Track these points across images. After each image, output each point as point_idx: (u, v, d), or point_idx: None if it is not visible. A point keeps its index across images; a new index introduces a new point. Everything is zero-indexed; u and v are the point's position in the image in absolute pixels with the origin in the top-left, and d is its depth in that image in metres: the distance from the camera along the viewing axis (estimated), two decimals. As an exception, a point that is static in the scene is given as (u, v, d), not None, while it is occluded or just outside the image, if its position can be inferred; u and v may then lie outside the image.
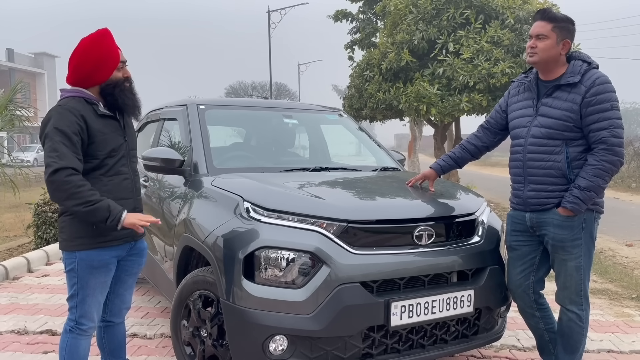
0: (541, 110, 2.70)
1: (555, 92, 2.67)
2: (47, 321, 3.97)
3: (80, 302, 2.42)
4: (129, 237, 2.50)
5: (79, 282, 2.40)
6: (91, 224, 2.34)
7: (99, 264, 2.41)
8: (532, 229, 2.79)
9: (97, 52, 2.36)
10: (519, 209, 2.84)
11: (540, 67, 2.73)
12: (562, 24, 2.64)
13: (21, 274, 5.42)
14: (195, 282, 2.81)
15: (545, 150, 2.67)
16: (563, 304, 2.78)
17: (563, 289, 2.75)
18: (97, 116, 2.39)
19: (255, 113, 4.13)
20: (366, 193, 3.04)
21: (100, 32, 2.40)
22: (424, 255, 2.63)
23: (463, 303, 2.67)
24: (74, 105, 2.33)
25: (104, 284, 2.47)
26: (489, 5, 8.33)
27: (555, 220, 2.67)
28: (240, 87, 48.54)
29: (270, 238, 2.49)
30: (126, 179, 2.50)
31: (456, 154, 3.16)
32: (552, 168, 2.65)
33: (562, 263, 2.71)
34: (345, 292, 2.42)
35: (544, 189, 2.69)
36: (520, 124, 2.80)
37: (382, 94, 8.87)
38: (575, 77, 2.61)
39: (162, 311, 4.22)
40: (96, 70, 2.37)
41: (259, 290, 2.46)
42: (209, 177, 3.15)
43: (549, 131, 2.65)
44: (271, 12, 27.42)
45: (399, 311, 2.49)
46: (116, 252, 2.47)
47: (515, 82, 2.95)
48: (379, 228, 2.61)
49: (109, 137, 2.41)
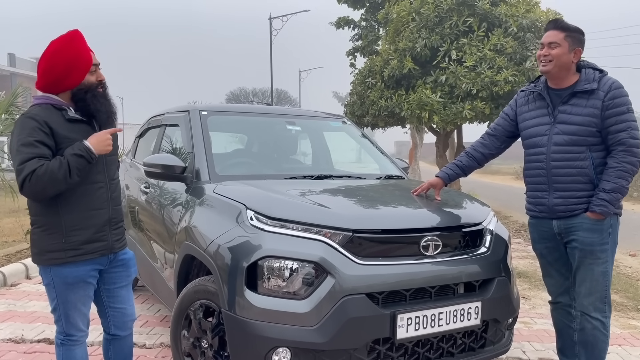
0: (560, 117, 2.73)
1: (572, 100, 2.71)
2: (44, 329, 3.91)
3: (64, 316, 2.34)
4: (105, 250, 2.37)
5: (58, 297, 2.32)
6: (60, 238, 2.24)
7: (74, 280, 2.30)
8: (560, 235, 2.80)
9: (67, 55, 2.22)
10: (542, 217, 2.85)
11: (552, 76, 2.75)
12: (574, 33, 2.71)
13: (19, 281, 5.36)
14: (197, 292, 2.75)
15: (570, 157, 2.69)
16: (587, 311, 2.74)
17: (588, 295, 2.73)
18: (66, 121, 2.25)
19: (258, 119, 4.08)
20: (372, 202, 2.99)
21: (70, 34, 2.28)
22: (430, 266, 2.58)
23: (470, 315, 2.61)
24: (37, 113, 2.21)
25: (85, 297, 2.37)
26: (492, 14, 8.32)
27: (585, 224, 2.69)
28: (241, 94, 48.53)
29: (274, 247, 2.44)
30: (101, 188, 2.35)
31: (463, 162, 3.12)
32: (579, 174, 2.68)
33: (589, 268, 2.71)
34: (351, 304, 2.36)
35: (572, 196, 2.71)
36: (537, 132, 2.81)
37: (384, 101, 8.84)
38: (591, 84, 2.67)
39: (161, 320, 4.16)
40: (67, 74, 2.23)
41: (261, 301, 2.40)
42: (211, 184, 3.10)
43: (572, 137, 2.68)
44: (273, 19, 27.45)
45: (405, 323, 2.44)
46: (92, 265, 2.35)
47: (523, 92, 2.95)
48: (385, 238, 2.56)
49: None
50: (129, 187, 4.40)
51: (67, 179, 2.15)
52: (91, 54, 2.31)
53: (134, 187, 4.24)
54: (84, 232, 2.30)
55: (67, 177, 2.14)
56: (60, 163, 2.14)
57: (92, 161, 2.22)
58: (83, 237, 2.29)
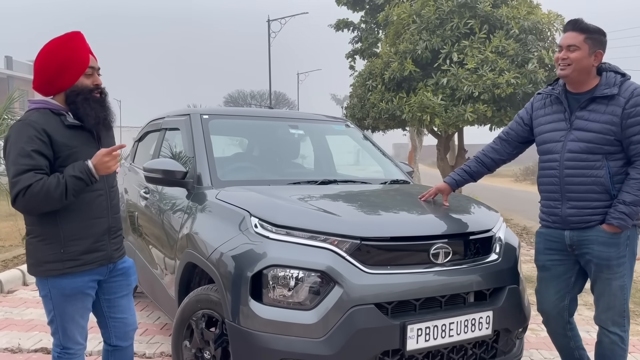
0: (577, 123, 2.58)
1: (591, 105, 2.56)
2: (42, 338, 3.82)
3: (61, 329, 2.25)
4: (104, 260, 2.29)
5: (55, 310, 2.23)
6: (59, 248, 2.16)
7: (72, 292, 2.21)
8: (571, 247, 2.64)
9: (61, 55, 2.14)
10: (555, 227, 2.69)
11: (571, 80, 2.60)
12: (595, 35, 2.54)
13: (16, 287, 5.26)
14: (199, 301, 2.67)
15: (585, 166, 2.54)
16: (605, 326, 2.63)
17: (606, 310, 2.61)
18: (65, 127, 2.16)
19: (261, 123, 4.00)
20: (379, 208, 2.91)
21: (69, 35, 2.19)
22: (441, 275, 2.50)
23: (481, 325, 2.54)
24: (35, 119, 2.11)
25: (84, 309, 2.29)
26: (493, 16, 8.24)
27: (600, 237, 2.54)
28: (239, 96, 48.45)
29: (280, 256, 2.36)
30: (100, 196, 2.26)
31: (471, 167, 3.02)
32: (594, 184, 2.53)
33: (606, 283, 2.58)
34: (359, 314, 2.28)
35: (586, 206, 2.56)
36: (552, 138, 2.66)
37: (385, 104, 8.75)
38: (612, 89, 2.51)
39: (161, 328, 4.07)
40: (59, 74, 2.14)
41: (267, 311, 2.33)
42: (213, 190, 3.02)
43: (588, 145, 2.53)
44: (271, 22, 27.40)
45: (415, 334, 2.36)
46: (91, 276, 2.26)
47: (540, 95, 2.81)
48: (394, 246, 2.48)
49: (79, 150, 2.16)
50: (127, 191, 4.32)
51: (63, 199, 2.06)
52: (89, 57, 2.22)
53: (133, 192, 4.16)
54: (83, 241, 2.21)
55: (63, 198, 2.06)
56: (58, 182, 2.05)
57: (92, 184, 2.12)
58: (82, 247, 2.21)
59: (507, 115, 8.00)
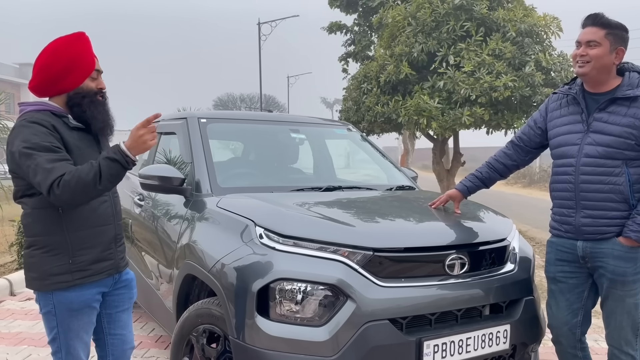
0: (594, 126, 2.40)
1: (611, 107, 2.38)
2: (30, 353, 3.64)
3: (65, 347, 2.08)
4: (112, 270, 2.16)
5: (59, 326, 2.06)
6: (67, 258, 2.00)
7: (80, 305, 2.06)
8: (584, 259, 2.45)
9: (69, 53, 2.02)
10: (567, 237, 2.50)
11: (589, 79, 2.42)
12: (617, 30, 2.36)
13: (3, 298, 5.04)
14: (199, 315, 2.53)
15: (603, 172, 2.36)
16: (618, 346, 2.45)
17: (619, 329, 2.43)
18: (70, 129, 2.04)
19: (261, 127, 3.85)
20: (390, 216, 2.77)
21: (76, 34, 2.07)
22: (457, 287, 2.38)
23: (499, 339, 2.42)
24: (41, 117, 1.97)
25: (89, 323, 2.14)
26: (489, 18, 8.17)
27: (616, 251, 2.35)
28: (229, 99, 48.17)
29: (288, 269, 2.22)
30: (105, 202, 2.14)
31: (483, 173, 2.86)
32: (612, 192, 2.34)
33: (619, 300, 2.39)
34: (373, 331, 2.15)
35: (602, 216, 2.37)
36: (567, 141, 2.48)
37: (380, 107, 8.65)
38: (635, 90, 2.34)
39: (156, 340, 3.90)
40: (66, 74, 2.02)
41: (274, 328, 2.19)
42: (214, 197, 2.87)
43: (607, 150, 2.35)
44: (261, 25, 27.27)
45: (431, 351, 2.23)
46: (98, 288, 2.13)
47: (556, 95, 2.63)
48: (408, 257, 2.35)
49: (85, 152, 2.06)
50: (120, 198, 4.14)
51: (97, 184, 1.88)
52: (95, 59, 2.10)
53: (126, 198, 3.99)
54: (92, 250, 2.07)
55: (97, 183, 1.88)
56: (90, 166, 1.89)
57: (129, 166, 1.94)
58: (90, 256, 2.07)
59: (504, 119, 7.93)
